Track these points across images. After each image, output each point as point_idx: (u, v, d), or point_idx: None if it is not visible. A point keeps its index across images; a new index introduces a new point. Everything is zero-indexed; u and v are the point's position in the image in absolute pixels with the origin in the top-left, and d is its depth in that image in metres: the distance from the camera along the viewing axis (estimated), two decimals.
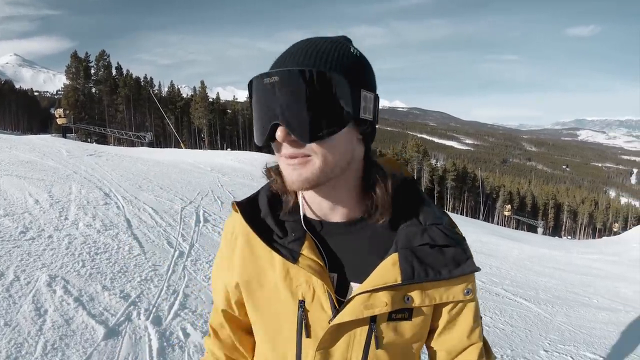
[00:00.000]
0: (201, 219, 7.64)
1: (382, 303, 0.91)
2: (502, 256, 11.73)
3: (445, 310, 0.99)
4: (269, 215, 1.00)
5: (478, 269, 0.95)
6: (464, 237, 0.98)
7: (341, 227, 0.97)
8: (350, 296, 0.92)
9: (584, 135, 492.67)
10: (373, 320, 0.92)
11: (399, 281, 0.90)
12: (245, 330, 1.18)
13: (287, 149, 0.84)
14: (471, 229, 20.87)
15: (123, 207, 7.48)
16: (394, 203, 0.95)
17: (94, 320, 3.61)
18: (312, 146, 0.82)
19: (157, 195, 9.03)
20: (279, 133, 0.81)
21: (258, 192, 1.06)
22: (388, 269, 0.91)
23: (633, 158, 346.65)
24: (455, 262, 0.93)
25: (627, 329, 6.01)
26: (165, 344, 3.43)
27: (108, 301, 4.02)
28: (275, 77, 0.80)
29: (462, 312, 1.00)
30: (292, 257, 0.93)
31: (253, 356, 1.18)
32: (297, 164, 0.84)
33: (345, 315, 0.91)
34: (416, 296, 0.93)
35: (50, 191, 7.57)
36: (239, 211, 1.01)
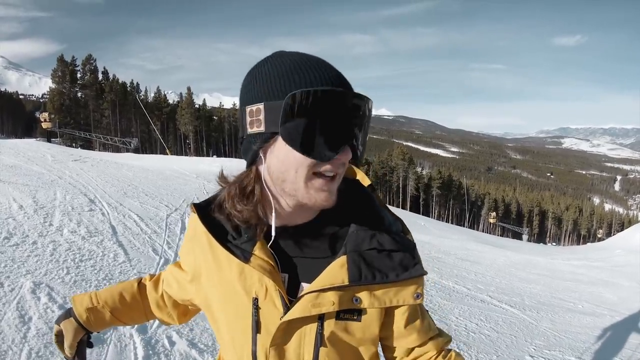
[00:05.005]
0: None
1: (329, 302, 0.95)
2: (488, 263, 11.81)
3: (398, 312, 1.03)
4: (224, 217, 1.04)
5: (425, 273, 1.01)
6: (414, 243, 1.03)
7: (294, 230, 1.01)
8: (300, 295, 0.96)
9: (568, 143, 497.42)
10: (322, 318, 0.97)
11: (346, 282, 0.95)
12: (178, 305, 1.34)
13: (337, 168, 0.90)
14: (456, 236, 21.00)
15: (108, 213, 7.42)
16: (347, 209, 1.01)
17: None
18: (345, 166, 0.92)
19: (142, 202, 8.97)
20: (346, 154, 0.88)
21: (217, 195, 1.09)
22: (336, 271, 0.96)
23: (616, 165, 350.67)
24: (403, 266, 0.98)
25: (612, 334, 6.08)
26: (150, 352, 3.40)
27: None
28: (364, 102, 0.88)
29: (414, 315, 1.05)
30: (244, 257, 0.98)
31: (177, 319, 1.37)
32: (333, 184, 0.92)
33: (295, 312, 0.95)
34: (365, 298, 0.98)
35: (35, 196, 7.49)
36: (196, 213, 1.05)
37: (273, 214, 0.98)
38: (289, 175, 0.90)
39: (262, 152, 0.91)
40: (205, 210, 1.06)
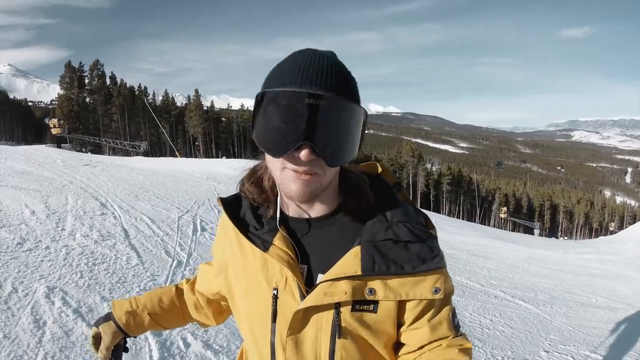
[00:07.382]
0: (198, 227, 7.63)
1: (341, 292, 0.96)
2: (500, 258, 11.74)
3: (410, 306, 1.00)
4: (248, 210, 1.09)
5: (444, 265, 0.99)
6: (434, 235, 1.03)
7: (314, 223, 1.04)
8: (315, 284, 0.98)
9: (578, 135, 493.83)
10: (338, 309, 0.98)
11: (359, 272, 0.95)
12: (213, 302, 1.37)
13: (301, 166, 0.88)
14: (468, 232, 20.90)
15: (120, 217, 7.46)
16: (365, 202, 1.02)
17: None
18: (324, 166, 0.90)
19: (153, 204, 9.00)
20: (305, 153, 0.85)
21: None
22: (350, 261, 0.97)
23: (627, 157, 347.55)
24: (420, 258, 0.97)
25: (626, 328, 6.03)
26: (166, 354, 3.41)
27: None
28: (321, 100, 0.84)
29: (430, 310, 1.01)
30: (264, 246, 1.03)
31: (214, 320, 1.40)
32: (307, 181, 0.90)
33: (308, 301, 0.97)
34: (379, 289, 0.97)
35: (47, 202, 7.54)
36: (222, 206, 1.11)
37: (279, 197, 1.05)
38: (271, 166, 0.96)
39: None
40: (233, 204, 1.11)
